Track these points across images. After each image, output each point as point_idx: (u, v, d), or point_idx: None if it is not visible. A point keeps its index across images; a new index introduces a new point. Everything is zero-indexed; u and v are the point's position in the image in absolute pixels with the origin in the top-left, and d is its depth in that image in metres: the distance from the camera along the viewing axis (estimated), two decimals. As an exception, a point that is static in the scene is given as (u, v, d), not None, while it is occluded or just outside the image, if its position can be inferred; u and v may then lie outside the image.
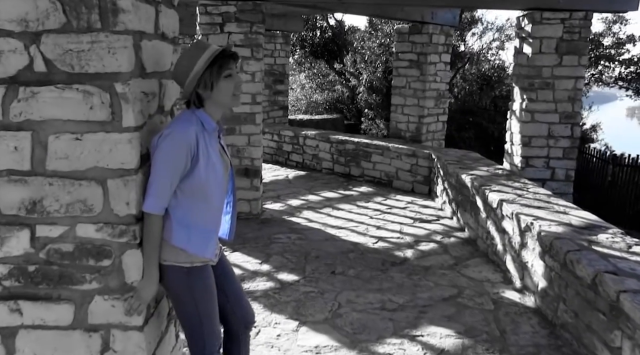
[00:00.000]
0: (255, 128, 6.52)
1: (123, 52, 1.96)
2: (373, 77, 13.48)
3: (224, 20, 6.25)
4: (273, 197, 7.65)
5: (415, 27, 8.66)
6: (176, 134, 2.08)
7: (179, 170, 2.09)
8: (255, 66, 6.38)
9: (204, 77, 2.13)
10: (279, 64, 11.32)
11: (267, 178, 8.88)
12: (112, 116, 2.02)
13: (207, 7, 6.25)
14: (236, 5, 6.19)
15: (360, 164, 8.84)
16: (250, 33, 6.28)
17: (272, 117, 11.39)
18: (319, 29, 16.23)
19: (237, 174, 6.53)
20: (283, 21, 10.96)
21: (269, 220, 6.49)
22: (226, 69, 2.16)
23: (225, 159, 2.33)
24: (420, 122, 8.81)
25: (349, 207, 7.18)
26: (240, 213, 6.57)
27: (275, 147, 10.35)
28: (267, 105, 11.19)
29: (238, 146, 6.51)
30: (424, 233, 6.10)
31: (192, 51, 2.14)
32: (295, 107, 15.82)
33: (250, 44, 6.30)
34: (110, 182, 2.06)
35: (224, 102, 2.21)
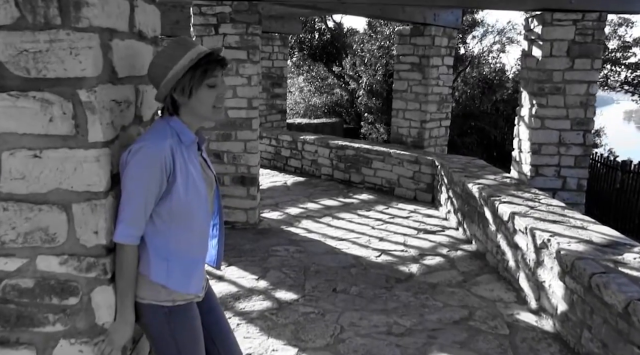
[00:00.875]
0: (252, 134, 6.21)
1: (87, 53, 1.64)
2: (373, 81, 13.18)
3: (218, 21, 5.93)
4: (271, 205, 7.32)
5: (417, 29, 8.36)
6: (147, 149, 1.75)
7: (153, 191, 1.77)
8: (252, 69, 6.07)
9: (183, 81, 1.80)
10: (277, 67, 11.01)
11: (264, 184, 8.55)
12: (76, 129, 1.70)
13: (201, 8, 5.93)
14: (231, 6, 5.88)
15: (360, 171, 8.52)
16: (246, 34, 5.96)
17: (269, 121, 11.09)
18: (318, 31, 15.94)
19: (233, 182, 6.22)
20: (281, 23, 10.67)
21: (266, 231, 6.17)
22: (211, 76, 1.83)
23: (209, 174, 2.01)
24: (423, 127, 8.50)
25: (350, 217, 6.86)
26: (237, 223, 6.26)
27: (273, 152, 10.04)
28: (264, 108, 10.89)
29: (234, 153, 6.19)
30: (429, 245, 5.78)
31: (173, 48, 1.82)
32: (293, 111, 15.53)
33: (247, 46, 5.99)
34: (76, 207, 1.74)
35: (202, 114, 1.87)
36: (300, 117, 15.00)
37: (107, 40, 1.74)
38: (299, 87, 16.33)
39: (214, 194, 2.06)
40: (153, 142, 1.76)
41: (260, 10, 6.04)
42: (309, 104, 15.52)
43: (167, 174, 1.78)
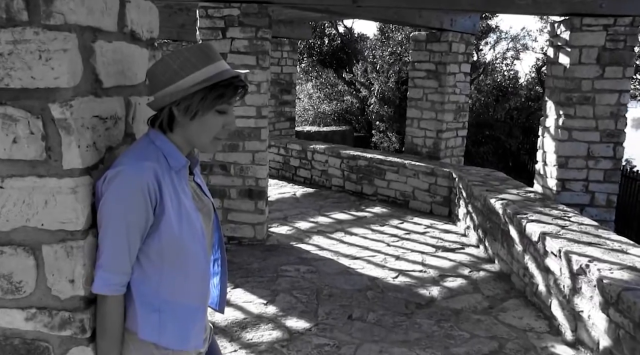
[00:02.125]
0: (261, 144, 5.86)
1: (61, 57, 1.30)
2: (385, 88, 12.83)
3: (226, 25, 5.60)
4: (280, 219, 6.97)
5: (433, 34, 8.01)
6: (125, 174, 1.39)
7: (138, 228, 1.42)
8: (261, 76, 5.73)
9: (193, 99, 1.45)
10: (286, 73, 10.67)
11: (273, 196, 8.20)
12: (48, 153, 1.35)
13: (208, 10, 5.60)
14: (240, 8, 5.54)
15: (373, 182, 8.16)
16: (256, 39, 5.62)
17: (278, 128, 10.75)
18: (328, 37, 15.60)
19: (240, 195, 5.87)
20: (290, 28, 10.35)
21: (275, 247, 5.81)
22: (224, 103, 1.49)
23: (205, 202, 1.66)
24: (439, 137, 8.14)
25: (363, 232, 6.49)
26: (244, 238, 5.90)
27: (282, 161, 9.69)
28: (272, 116, 10.56)
29: (241, 164, 5.84)
30: (449, 265, 5.40)
31: (193, 54, 1.46)
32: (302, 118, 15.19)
33: (256, 51, 5.65)
34: (47, 250, 1.39)
35: (200, 141, 1.52)
36: (309, 125, 14.65)
37: (88, 42, 1.39)
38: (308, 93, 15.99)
39: (212, 225, 1.70)
40: (132, 166, 1.40)
41: (271, 14, 5.70)
42: (318, 111, 15.16)
43: (154, 205, 1.43)
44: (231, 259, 5.39)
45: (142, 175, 1.39)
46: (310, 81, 16.58)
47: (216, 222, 1.73)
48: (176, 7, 8.83)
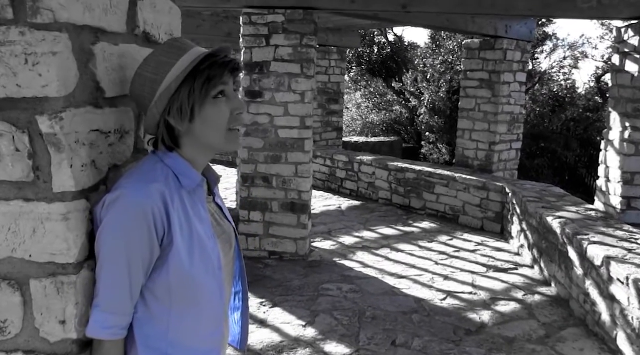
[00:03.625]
0: (304, 156, 5.65)
1: (50, 62, 1.10)
2: (435, 98, 12.47)
3: (270, 32, 5.43)
4: (323, 233, 6.73)
5: (487, 42, 7.66)
6: (127, 200, 1.18)
7: (141, 262, 1.21)
8: (306, 84, 5.53)
9: (179, 98, 1.24)
10: (334, 82, 10.48)
11: (317, 208, 7.99)
12: (35, 174, 1.16)
13: (252, 17, 5.45)
14: (284, 15, 5.37)
15: (421, 196, 7.83)
16: (301, 46, 5.43)
17: (325, 139, 10.55)
18: (377, 45, 15.34)
19: (282, 209, 5.67)
20: (338, 36, 10.16)
21: (317, 264, 5.57)
22: (218, 85, 1.27)
23: (225, 228, 1.44)
24: (491, 149, 7.75)
25: (410, 249, 6.18)
26: (285, 254, 5.70)
27: (328, 172, 9.47)
28: (319, 126, 10.39)
29: (284, 177, 5.64)
30: (502, 287, 5.04)
31: (162, 53, 1.27)
32: (350, 128, 14.95)
33: (300, 59, 5.46)
34: (35, 285, 1.20)
35: (212, 141, 1.30)
36: (357, 135, 14.40)
37: (87, 44, 1.20)
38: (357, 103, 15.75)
39: (233, 253, 1.48)
40: (134, 188, 1.20)
41: (316, 20, 5.51)
42: (367, 121, 14.89)
43: (160, 235, 1.22)
44: (271, 275, 5.20)
45: (146, 200, 1.18)
46: (359, 91, 16.33)
47: (237, 250, 1.51)
48: (222, 16, 8.76)
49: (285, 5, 5.36)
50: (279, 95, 5.53)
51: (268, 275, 5.22)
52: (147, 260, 1.21)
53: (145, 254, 1.20)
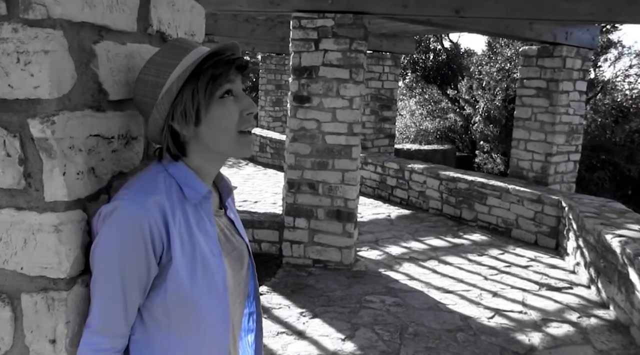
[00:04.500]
0: (351, 163, 5.52)
1: (42, 61, 1.02)
2: (491, 106, 12.10)
3: (319, 36, 5.34)
4: (370, 242, 6.58)
5: (545, 49, 7.33)
6: (123, 213, 1.08)
7: (137, 280, 1.11)
8: (354, 90, 5.40)
9: (183, 100, 1.14)
10: (387, 88, 10.31)
11: (366, 216, 7.84)
12: (27, 181, 1.08)
13: (301, 21, 5.37)
14: (334, 19, 5.27)
15: (473, 207, 7.55)
16: (350, 51, 5.31)
17: (376, 146, 10.40)
18: (432, 52, 15.06)
19: (328, 216, 5.55)
20: (393, 42, 10.01)
21: (362, 274, 5.42)
22: (224, 83, 1.16)
23: (236, 244, 1.32)
24: (547, 160, 7.41)
25: (459, 262, 5.94)
26: (329, 262, 5.58)
27: (378, 180, 9.29)
28: (371, 132, 10.25)
29: (330, 184, 5.53)
30: (554, 307, 4.75)
31: (164, 54, 1.17)
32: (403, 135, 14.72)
33: (349, 64, 5.34)
34: (26, 300, 1.12)
35: (221, 145, 1.19)
36: (410, 142, 14.15)
37: (87, 43, 1.11)
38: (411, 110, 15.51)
39: (247, 272, 1.37)
40: (131, 200, 1.10)
41: (367, 24, 5.38)
42: (420, 128, 14.62)
43: (159, 251, 1.12)
44: (314, 284, 5.09)
45: (142, 214, 1.08)
46: (414, 97, 16.07)
47: (251, 269, 1.40)
48: (277, 20, 8.76)
49: (335, 9, 5.26)
50: (327, 100, 5.43)
51: (310, 283, 5.11)
52: (144, 279, 1.11)
53: (141, 272, 1.10)
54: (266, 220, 5.91)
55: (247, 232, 5.90)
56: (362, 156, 9.39)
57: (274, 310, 4.46)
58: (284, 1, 5.36)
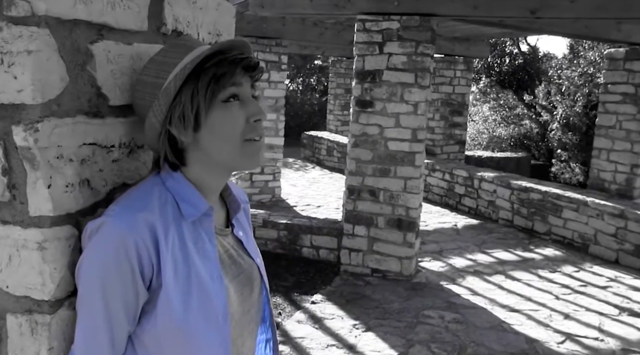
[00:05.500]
0: (414, 171, 5.31)
1: (25, 62, 0.92)
2: (570, 112, 11.46)
3: (384, 39, 5.17)
4: (433, 252, 6.32)
5: (634, 51, 6.83)
6: (108, 231, 0.96)
7: (123, 305, 0.98)
8: (419, 95, 5.19)
9: (182, 102, 1.01)
10: (458, 93, 9.98)
11: (430, 225, 7.57)
12: (11, 193, 0.99)
13: (366, 24, 5.22)
14: (400, 21, 5.07)
15: (546, 219, 7.13)
16: (415, 54, 5.11)
17: (446, 152, 10.08)
18: (508, 56, 14.47)
19: (388, 225, 5.36)
20: (466, 45, 9.67)
21: (422, 286, 5.20)
22: (228, 85, 1.03)
23: (244, 265, 1.18)
24: (633, 172, 6.90)
25: (528, 278, 5.60)
26: (389, 272, 5.38)
27: (446, 187, 8.98)
28: (441, 138, 9.95)
29: (391, 191, 5.34)
30: (637, 336, 4.35)
31: (165, 53, 1.05)
32: (475, 142, 14.22)
33: (415, 68, 5.13)
34: (12, 321, 1.03)
35: (222, 155, 1.06)
36: (482, 149, 13.65)
37: (83, 43, 1.01)
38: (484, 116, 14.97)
39: (259, 297, 1.23)
40: (117, 217, 0.98)
41: (434, 27, 5.16)
42: (493, 135, 14.07)
43: (148, 274, 0.99)
44: (370, 294, 4.91)
45: (128, 233, 0.96)
46: (488, 103, 15.51)
47: (265, 293, 1.26)
48: (345, 24, 8.63)
49: (401, 11, 5.07)
50: (390, 105, 5.25)
51: (367, 294, 4.94)
52: (132, 304, 1.00)
53: (128, 297, 0.98)
54: (325, 227, 5.79)
55: (305, 238, 5.81)
56: (429, 162, 9.12)
57: (326, 321, 4.32)
58: (349, 4, 5.22)
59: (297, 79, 20.13)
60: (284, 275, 5.34)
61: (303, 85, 20.18)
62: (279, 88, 8.23)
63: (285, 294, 4.87)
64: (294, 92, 19.27)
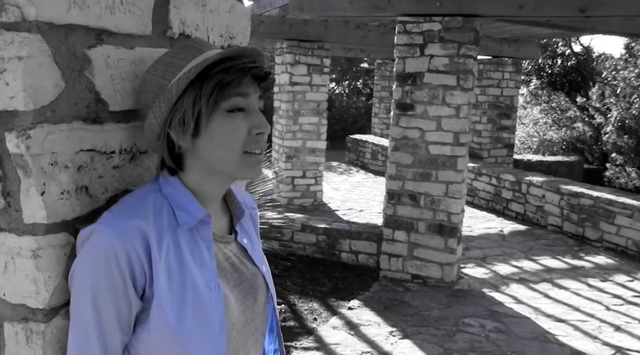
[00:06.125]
0: (456, 175, 5.18)
1: (16, 68, 0.91)
2: (626, 115, 11.01)
3: (425, 41, 5.07)
4: (477, 259, 6.17)
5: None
6: (98, 238, 0.94)
7: (113, 315, 0.96)
8: (462, 98, 5.07)
9: (183, 106, 0.98)
10: (506, 96, 9.75)
11: (475, 230, 7.40)
12: (7, 200, 0.98)
13: (406, 25, 5.14)
14: (441, 22, 4.97)
15: (598, 225, 6.85)
16: (457, 56, 4.99)
17: (493, 156, 9.86)
18: (560, 57, 14.02)
19: (429, 230, 5.25)
20: (515, 47, 9.44)
21: (463, 293, 5.07)
22: (233, 94, 0.99)
23: (247, 273, 1.14)
24: (692, 177, 6.55)
25: (577, 287, 5.38)
26: (429, 278, 5.27)
27: (493, 192, 8.76)
28: (488, 142, 9.76)
29: (433, 196, 5.23)
30: (691, 350, 4.12)
31: (174, 54, 1.02)
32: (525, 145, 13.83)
33: (457, 70, 5.02)
34: (9, 329, 1.03)
35: (221, 165, 1.03)
36: (532, 153, 13.26)
37: (79, 48, 1.00)
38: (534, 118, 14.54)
39: (265, 306, 1.19)
40: (109, 224, 0.95)
41: (477, 28, 5.02)
42: (544, 138, 13.65)
43: (140, 283, 0.97)
44: (409, 301, 4.82)
45: (117, 240, 0.93)
46: (538, 105, 15.06)
47: (271, 302, 1.22)
48: (389, 26, 8.54)
49: (443, 12, 4.96)
50: (431, 108, 5.14)
51: (406, 300, 4.85)
52: (125, 313, 0.97)
53: (119, 305, 0.96)
54: (364, 231, 5.72)
55: (344, 243, 5.76)
56: (475, 166, 8.93)
57: (362, 327, 4.25)
58: (389, 5, 5.15)
59: (343, 82, 20.08)
60: (322, 280, 5.30)
61: (349, 89, 20.12)
62: (321, 91, 8.20)
63: (322, 299, 4.83)
64: (340, 95, 19.22)
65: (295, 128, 8.03)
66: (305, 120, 8.08)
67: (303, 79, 8.00)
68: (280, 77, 8.16)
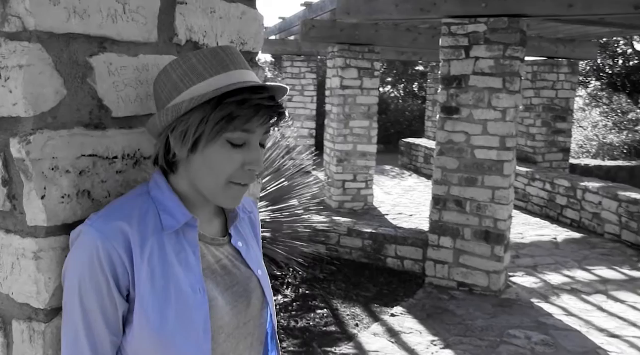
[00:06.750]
0: (503, 181, 5.05)
1: (17, 76, 0.95)
2: (693, 117, 10.47)
3: (470, 43, 4.97)
4: (527, 267, 5.98)
5: None
6: (84, 239, 0.97)
7: (100, 315, 0.98)
8: (508, 101, 4.94)
9: (190, 121, 1.00)
10: (562, 98, 9.45)
11: (527, 237, 7.18)
12: (12, 203, 1.02)
13: (451, 27, 5.05)
14: (487, 24, 4.86)
15: (659, 234, 6.53)
16: (504, 58, 4.87)
17: (547, 160, 9.56)
18: (621, 56, 13.46)
19: (475, 237, 5.14)
20: (570, 47, 9.13)
21: (510, 303, 4.92)
22: (239, 129, 1.00)
23: (238, 277, 1.14)
24: None
25: (634, 300, 5.13)
26: (476, 287, 5.15)
27: (547, 198, 8.49)
28: (542, 146, 9.47)
29: (479, 202, 5.11)
30: None
31: (201, 59, 1.02)
32: (583, 149, 13.35)
33: (503, 73, 4.89)
34: (16, 328, 1.07)
35: (205, 186, 1.05)
36: (590, 158, 12.78)
37: (82, 56, 1.03)
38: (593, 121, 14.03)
39: (260, 309, 1.18)
40: (94, 226, 0.98)
41: (524, 28, 4.90)
42: (604, 142, 13.13)
43: (125, 284, 0.99)
44: (454, 309, 4.72)
45: (101, 241, 0.95)
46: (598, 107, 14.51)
47: (268, 307, 1.21)
48: (439, 29, 8.43)
49: (489, 13, 4.86)
50: (477, 112, 5.04)
51: (451, 309, 4.75)
52: (111, 313, 0.99)
53: (105, 305, 0.98)
54: (410, 237, 5.65)
55: (390, 248, 5.70)
56: (529, 171, 8.69)
57: (403, 335, 4.19)
58: (435, 7, 5.08)
59: (398, 85, 19.95)
60: (366, 285, 5.27)
61: (405, 92, 19.97)
62: (372, 95, 8.16)
63: (365, 305, 4.79)
64: (395, 99, 19.10)
65: (347, 132, 8.02)
66: (356, 124, 8.06)
67: (354, 83, 7.98)
68: (332, 81, 8.17)
